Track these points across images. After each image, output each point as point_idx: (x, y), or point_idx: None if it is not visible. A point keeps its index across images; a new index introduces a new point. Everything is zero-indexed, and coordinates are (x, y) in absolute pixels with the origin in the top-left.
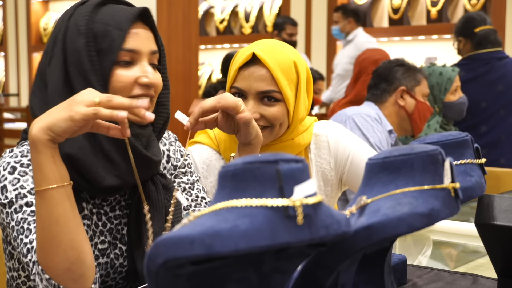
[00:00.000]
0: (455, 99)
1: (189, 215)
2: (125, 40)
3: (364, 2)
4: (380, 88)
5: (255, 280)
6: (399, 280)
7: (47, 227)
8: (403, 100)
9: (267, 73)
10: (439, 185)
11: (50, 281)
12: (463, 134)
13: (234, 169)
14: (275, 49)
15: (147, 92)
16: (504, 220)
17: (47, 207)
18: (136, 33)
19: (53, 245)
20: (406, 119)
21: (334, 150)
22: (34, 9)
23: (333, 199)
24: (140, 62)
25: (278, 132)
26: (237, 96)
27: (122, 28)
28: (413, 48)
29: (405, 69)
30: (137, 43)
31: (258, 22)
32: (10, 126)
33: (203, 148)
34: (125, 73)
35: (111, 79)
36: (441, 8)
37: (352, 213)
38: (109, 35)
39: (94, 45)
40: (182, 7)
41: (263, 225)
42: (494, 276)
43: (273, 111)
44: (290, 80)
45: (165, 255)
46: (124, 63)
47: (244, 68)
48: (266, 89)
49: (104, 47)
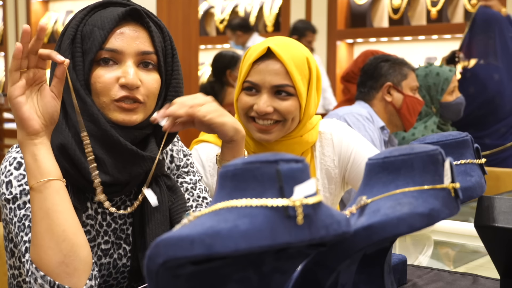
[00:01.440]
0: (452, 99)
1: (189, 215)
2: (107, 40)
3: (364, 2)
4: (367, 85)
5: (255, 280)
6: (399, 280)
7: (39, 221)
8: (390, 95)
9: (282, 68)
10: (439, 185)
11: (45, 278)
12: (463, 134)
13: (234, 169)
14: (289, 45)
15: (130, 94)
16: (504, 222)
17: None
18: (121, 33)
19: (46, 238)
20: (395, 115)
21: (338, 147)
22: (34, 9)
23: (337, 197)
24: (123, 63)
25: (290, 127)
26: (251, 90)
27: (104, 27)
28: (413, 48)
29: (390, 64)
30: (120, 43)
31: (258, 22)
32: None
33: (209, 146)
34: (105, 73)
35: (92, 79)
36: (441, 8)
37: (352, 213)
38: (92, 36)
39: (80, 46)
40: (182, 7)
41: (263, 225)
42: (494, 276)
43: (286, 105)
44: (303, 76)
45: (165, 255)
46: (104, 62)
47: (258, 62)
48: (281, 83)
49: (87, 47)
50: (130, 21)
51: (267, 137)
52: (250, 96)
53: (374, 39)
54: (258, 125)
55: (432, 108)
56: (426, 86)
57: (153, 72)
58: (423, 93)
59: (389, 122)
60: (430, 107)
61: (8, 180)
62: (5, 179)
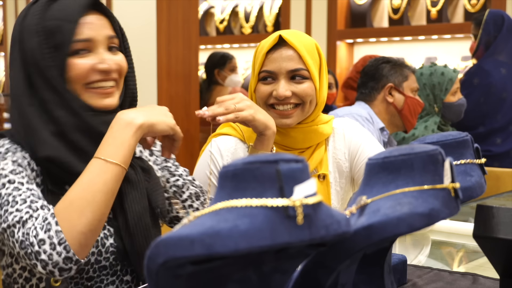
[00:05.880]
0: (454, 100)
1: (189, 215)
2: (77, 32)
3: (364, 2)
4: (368, 86)
5: (255, 280)
6: (399, 280)
7: (96, 191)
8: (391, 96)
9: (295, 53)
10: (439, 185)
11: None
12: (463, 134)
13: (234, 169)
14: (299, 33)
15: (107, 77)
16: (503, 233)
17: (110, 177)
18: (89, 23)
19: (88, 208)
20: (397, 115)
21: (348, 140)
22: None
23: (347, 193)
24: (96, 50)
25: (309, 110)
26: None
27: (72, 20)
28: (413, 48)
29: (391, 65)
30: (90, 32)
31: (258, 22)
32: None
33: (228, 138)
34: (81, 61)
35: (68, 70)
36: (441, 8)
37: (352, 213)
38: (60, 30)
39: (49, 42)
40: (182, 7)
41: (263, 225)
42: (494, 276)
43: (303, 87)
44: (314, 60)
45: (165, 255)
46: (78, 52)
47: (271, 51)
48: (296, 67)
49: (59, 42)
50: (91, 9)
51: (288, 121)
52: (268, 85)
53: (374, 39)
54: (278, 111)
55: (434, 107)
56: (431, 85)
57: (119, 53)
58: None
59: (390, 123)
60: (433, 106)
61: None
62: None
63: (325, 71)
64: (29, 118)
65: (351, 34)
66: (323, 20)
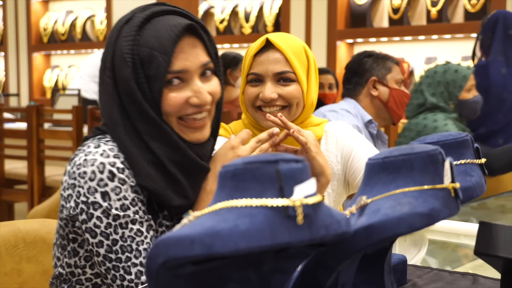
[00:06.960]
0: (470, 97)
1: (189, 215)
2: (171, 63)
3: (364, 2)
4: (352, 82)
5: (255, 280)
6: (399, 280)
7: None
8: (375, 90)
9: (281, 56)
10: (439, 185)
11: None
12: (463, 134)
13: (234, 169)
14: (286, 36)
15: (200, 109)
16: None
17: None
18: (183, 53)
19: None
20: (383, 108)
21: (341, 143)
22: (34, 9)
23: (340, 195)
24: (191, 81)
25: (296, 113)
26: (255, 82)
27: (167, 51)
28: (413, 48)
29: (374, 59)
30: (184, 63)
31: (258, 22)
32: (10, 126)
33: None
34: (176, 94)
35: (162, 102)
36: (441, 8)
37: (352, 213)
38: (154, 61)
39: (142, 71)
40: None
41: (263, 225)
42: (494, 276)
43: (289, 90)
44: (301, 63)
45: (165, 255)
46: (172, 82)
47: (259, 54)
48: (282, 70)
49: (152, 74)
50: (185, 34)
51: None
52: (255, 87)
53: (374, 39)
54: (265, 113)
55: (450, 104)
56: (445, 83)
57: (213, 78)
58: (441, 89)
59: (377, 116)
60: (447, 103)
61: (104, 191)
62: (99, 188)
63: (314, 73)
64: (126, 146)
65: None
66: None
